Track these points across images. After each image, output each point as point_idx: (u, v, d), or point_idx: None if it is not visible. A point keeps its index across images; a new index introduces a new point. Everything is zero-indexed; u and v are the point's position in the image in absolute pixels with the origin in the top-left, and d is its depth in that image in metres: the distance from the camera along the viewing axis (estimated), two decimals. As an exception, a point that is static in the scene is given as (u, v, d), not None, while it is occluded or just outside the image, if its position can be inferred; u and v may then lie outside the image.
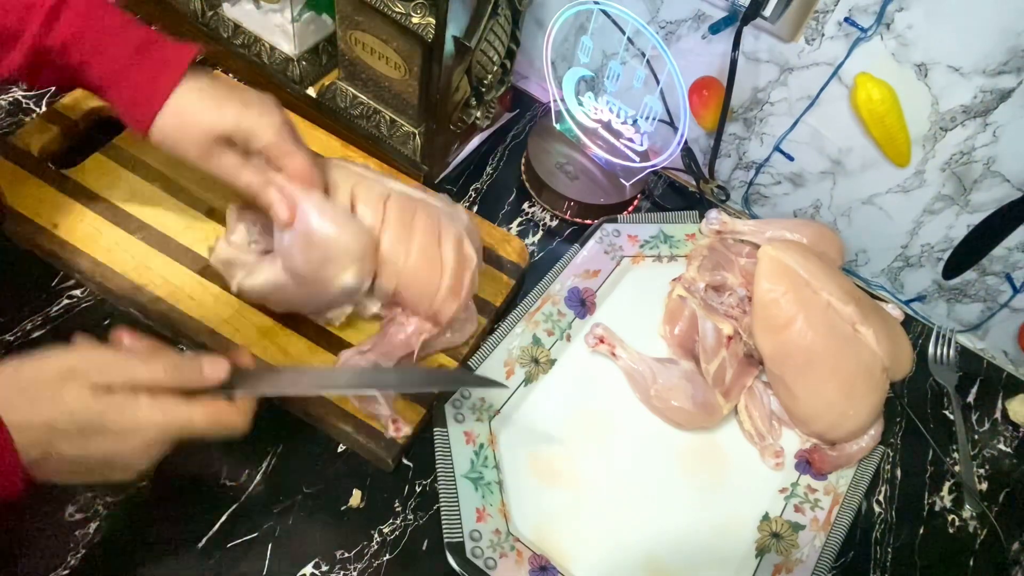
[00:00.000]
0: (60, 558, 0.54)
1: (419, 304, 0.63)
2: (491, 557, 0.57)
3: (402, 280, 0.61)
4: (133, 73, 0.55)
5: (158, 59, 0.56)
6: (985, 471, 0.74)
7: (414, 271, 0.61)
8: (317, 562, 0.58)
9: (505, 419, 0.66)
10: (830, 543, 0.63)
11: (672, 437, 0.68)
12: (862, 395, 0.65)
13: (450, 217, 0.64)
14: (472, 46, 0.69)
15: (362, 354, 0.63)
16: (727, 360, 0.69)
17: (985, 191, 0.72)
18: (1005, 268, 0.76)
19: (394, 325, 0.64)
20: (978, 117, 0.67)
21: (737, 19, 0.70)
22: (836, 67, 0.71)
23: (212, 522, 0.58)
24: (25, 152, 0.69)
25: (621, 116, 0.78)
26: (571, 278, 0.74)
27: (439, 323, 0.64)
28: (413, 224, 0.62)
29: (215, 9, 0.82)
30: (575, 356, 0.71)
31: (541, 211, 0.83)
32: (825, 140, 0.77)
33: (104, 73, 0.55)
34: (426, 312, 0.63)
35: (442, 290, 0.62)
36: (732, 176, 0.87)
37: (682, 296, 0.72)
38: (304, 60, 0.81)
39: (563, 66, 0.87)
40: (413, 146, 0.78)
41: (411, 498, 0.62)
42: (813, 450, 0.69)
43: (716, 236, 0.77)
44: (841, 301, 0.65)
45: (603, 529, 0.63)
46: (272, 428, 0.63)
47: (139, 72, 0.55)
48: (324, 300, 0.61)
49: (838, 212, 0.82)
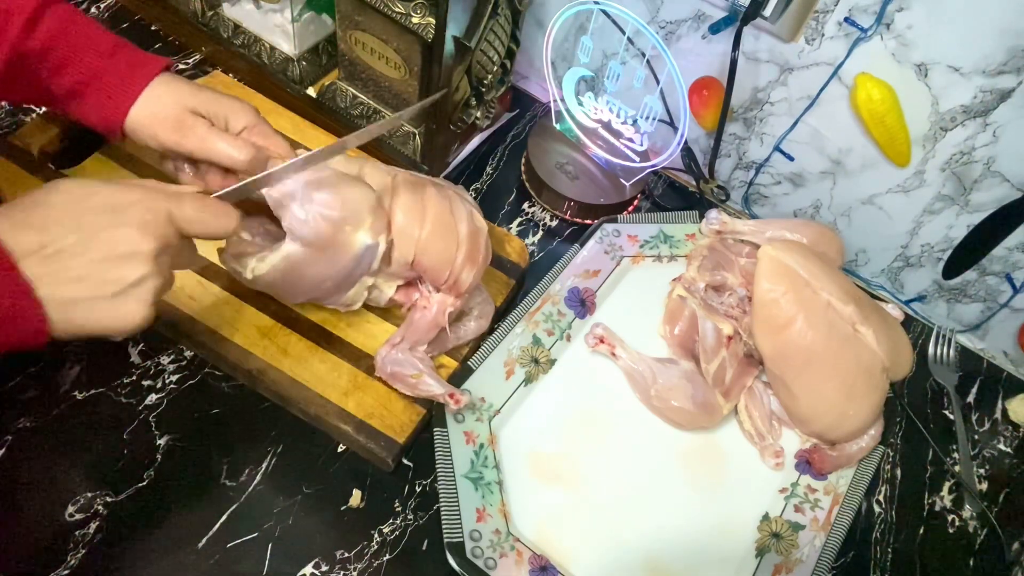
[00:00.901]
0: (60, 558, 0.54)
1: (439, 272, 0.63)
2: (491, 557, 0.57)
3: (419, 248, 0.62)
4: (108, 74, 0.56)
5: (132, 61, 0.57)
6: (985, 471, 0.74)
7: (431, 238, 0.62)
8: (317, 562, 0.58)
9: (505, 419, 0.66)
10: (830, 543, 0.63)
11: (672, 437, 0.68)
12: (862, 395, 0.65)
13: (457, 194, 0.66)
14: (472, 46, 0.69)
15: (394, 346, 0.63)
16: (727, 360, 0.69)
17: (985, 191, 0.72)
18: (1005, 268, 0.76)
19: (418, 310, 0.65)
20: (978, 117, 0.67)
21: (737, 19, 0.70)
22: (836, 67, 0.71)
23: (212, 522, 0.58)
24: (25, 152, 0.69)
25: (621, 116, 0.78)
26: (571, 278, 0.74)
27: (460, 292, 0.64)
28: (424, 196, 0.63)
29: (215, 9, 0.82)
30: (575, 356, 0.71)
31: (541, 211, 0.83)
32: (825, 140, 0.77)
33: (80, 75, 0.56)
34: (446, 282, 0.64)
35: (460, 258, 0.63)
36: (732, 176, 0.87)
37: (682, 296, 0.72)
38: (304, 60, 0.81)
39: (563, 66, 0.87)
40: (413, 146, 0.78)
41: (411, 498, 0.62)
42: (813, 450, 0.69)
43: (716, 236, 0.77)
44: (841, 301, 0.65)
45: (603, 529, 0.63)
46: (272, 428, 0.63)
47: (114, 73, 0.56)
48: (342, 271, 0.60)
49: (838, 212, 0.82)
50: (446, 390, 0.61)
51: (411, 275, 0.65)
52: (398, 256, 0.62)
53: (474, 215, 0.65)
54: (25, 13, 0.53)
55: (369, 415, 0.62)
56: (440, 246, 0.62)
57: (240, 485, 0.60)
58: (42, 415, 0.60)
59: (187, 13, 0.83)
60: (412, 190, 0.63)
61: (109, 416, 0.60)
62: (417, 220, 0.62)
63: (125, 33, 0.85)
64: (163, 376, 0.63)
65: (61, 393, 0.61)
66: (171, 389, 0.63)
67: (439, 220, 0.63)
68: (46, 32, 0.54)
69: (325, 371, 0.63)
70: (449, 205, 0.64)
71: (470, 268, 0.64)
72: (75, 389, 0.61)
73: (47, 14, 0.54)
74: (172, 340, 0.65)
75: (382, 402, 0.63)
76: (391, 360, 0.63)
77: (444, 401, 0.61)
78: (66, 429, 0.59)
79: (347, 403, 0.62)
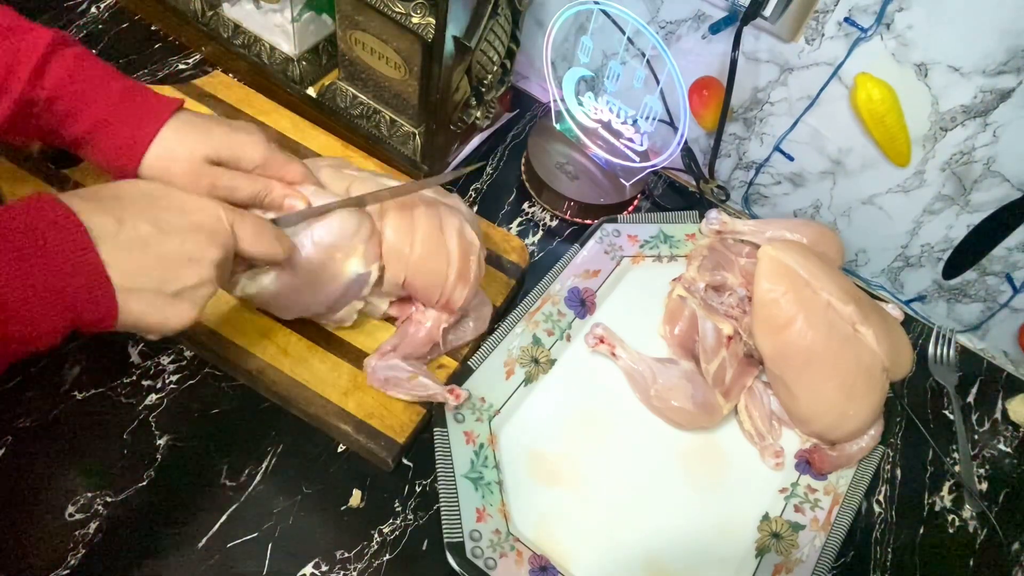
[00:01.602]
0: (60, 558, 0.54)
1: (430, 294, 0.63)
2: (491, 557, 0.57)
3: (410, 270, 0.62)
4: (118, 121, 0.55)
5: (142, 105, 0.55)
6: (985, 471, 0.74)
7: (421, 260, 0.62)
8: (317, 562, 0.58)
9: (505, 419, 0.66)
10: (830, 543, 0.63)
11: (672, 437, 0.68)
12: (862, 395, 0.65)
13: (448, 207, 0.65)
14: (472, 46, 0.69)
15: (384, 355, 0.63)
16: (727, 360, 0.69)
17: (985, 191, 0.72)
18: (1005, 268, 0.76)
19: (412, 324, 0.65)
20: (978, 117, 0.67)
21: (737, 19, 0.70)
22: (836, 67, 0.71)
23: (212, 522, 0.58)
24: (25, 152, 0.69)
25: (621, 116, 0.78)
26: (571, 278, 0.74)
27: (453, 311, 0.64)
28: (414, 216, 0.62)
29: (215, 9, 0.82)
30: (575, 356, 0.71)
31: (541, 211, 0.83)
32: (825, 140, 0.77)
33: (89, 124, 0.54)
34: (438, 302, 0.63)
35: (451, 278, 0.62)
36: (732, 176, 0.87)
37: (682, 296, 0.72)
38: (304, 60, 0.81)
39: (563, 66, 0.87)
40: (413, 146, 0.78)
41: (411, 498, 0.62)
42: (813, 450, 0.69)
43: (716, 236, 0.77)
44: (841, 301, 0.65)
45: (603, 529, 0.63)
46: (272, 428, 0.63)
47: (125, 119, 0.55)
48: (333, 294, 0.60)
49: (838, 212, 0.82)
50: (443, 387, 0.61)
51: (403, 294, 0.64)
52: (389, 277, 0.62)
53: (464, 230, 0.63)
54: (32, 62, 0.52)
55: (369, 415, 0.62)
56: (431, 267, 0.62)
57: (240, 485, 0.60)
58: (42, 415, 0.60)
59: (187, 13, 0.83)
60: (400, 212, 0.62)
61: (109, 416, 0.60)
62: (407, 244, 0.61)
63: (125, 33, 0.85)
64: (163, 376, 0.63)
65: (61, 393, 0.61)
66: (171, 389, 0.63)
67: (429, 240, 0.62)
68: (53, 81, 0.53)
69: (325, 371, 0.63)
70: (439, 222, 0.63)
71: (462, 287, 0.63)
72: (75, 389, 0.61)
73: (54, 61, 0.53)
74: (172, 340, 0.65)
75: (382, 402, 0.63)
76: (382, 367, 0.63)
77: (444, 398, 0.61)
78: (66, 429, 0.59)
79: (347, 403, 0.62)
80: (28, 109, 0.53)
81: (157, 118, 0.55)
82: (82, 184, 0.68)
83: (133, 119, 0.55)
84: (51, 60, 0.53)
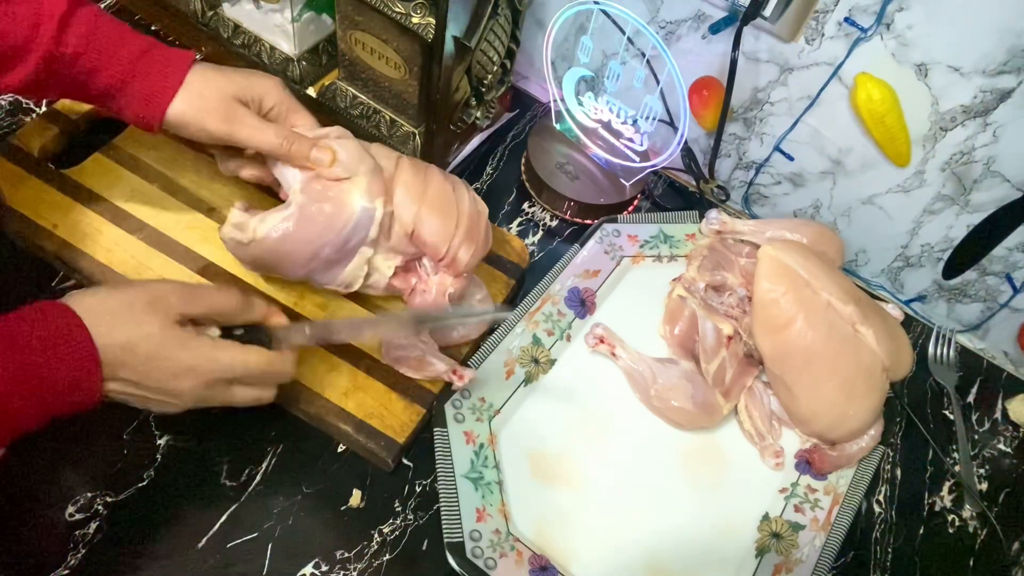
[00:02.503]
0: (60, 558, 0.54)
1: (437, 246, 0.63)
2: (491, 557, 0.57)
3: (419, 218, 0.62)
4: (142, 73, 0.57)
5: (162, 57, 0.58)
6: (985, 471, 0.74)
7: (430, 210, 0.63)
8: (317, 562, 0.58)
9: (505, 419, 0.66)
10: (830, 543, 0.63)
11: (672, 437, 0.68)
12: (862, 395, 0.65)
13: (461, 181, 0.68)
14: (472, 46, 0.69)
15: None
16: (727, 360, 0.69)
17: (985, 191, 0.72)
18: (1005, 268, 0.76)
19: (417, 295, 0.66)
20: (978, 117, 0.67)
21: (737, 19, 0.70)
22: (836, 67, 0.71)
23: (212, 522, 0.58)
24: (25, 152, 0.69)
25: (621, 116, 0.78)
26: (571, 278, 0.74)
27: (458, 271, 0.65)
28: (427, 174, 0.65)
29: (215, 9, 0.82)
30: (575, 356, 0.71)
31: (541, 211, 0.83)
32: (825, 140, 0.77)
33: (112, 78, 0.57)
34: (443, 259, 0.64)
35: (459, 232, 0.63)
36: (732, 176, 0.87)
37: (682, 296, 0.72)
38: (304, 60, 0.81)
39: (563, 66, 0.87)
40: (413, 146, 0.78)
41: (411, 498, 0.62)
42: (813, 450, 0.69)
43: (716, 236, 0.77)
44: (841, 301, 0.65)
45: (603, 529, 0.63)
46: (272, 428, 0.63)
47: (148, 71, 0.57)
48: (340, 234, 0.60)
49: (838, 212, 0.82)
50: (449, 366, 0.62)
51: (410, 251, 0.64)
52: (397, 228, 0.63)
53: (477, 200, 0.67)
54: (54, 21, 0.54)
55: (369, 415, 0.62)
56: (439, 219, 0.63)
57: (240, 485, 0.60)
58: (42, 415, 0.59)
59: (187, 13, 0.83)
60: (414, 170, 0.64)
61: (109, 416, 0.60)
62: (417, 195, 0.63)
63: (125, 33, 0.85)
64: (163, 376, 0.63)
65: (61, 393, 0.61)
66: (171, 389, 0.63)
67: (440, 195, 0.64)
68: (76, 37, 0.55)
69: (325, 371, 0.63)
70: (451, 186, 0.65)
71: (468, 246, 0.64)
72: (75, 389, 0.61)
73: (74, 19, 0.55)
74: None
75: (382, 402, 0.63)
76: (395, 346, 0.63)
77: (449, 378, 0.62)
78: (66, 429, 0.59)
79: (347, 403, 0.62)
80: (53, 66, 0.55)
81: (179, 68, 0.58)
82: (82, 184, 0.68)
83: (156, 70, 0.57)
84: (71, 19, 0.55)
